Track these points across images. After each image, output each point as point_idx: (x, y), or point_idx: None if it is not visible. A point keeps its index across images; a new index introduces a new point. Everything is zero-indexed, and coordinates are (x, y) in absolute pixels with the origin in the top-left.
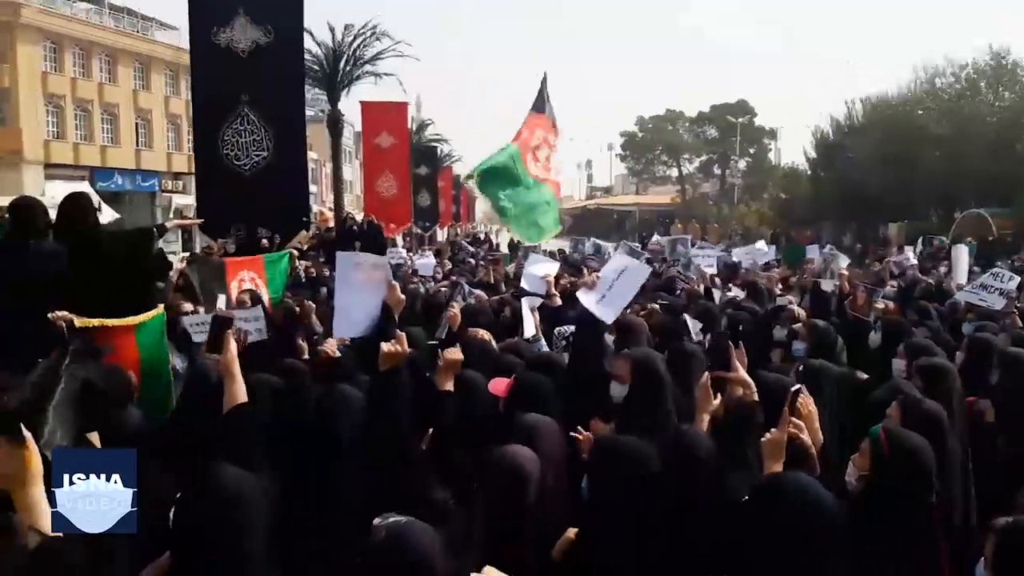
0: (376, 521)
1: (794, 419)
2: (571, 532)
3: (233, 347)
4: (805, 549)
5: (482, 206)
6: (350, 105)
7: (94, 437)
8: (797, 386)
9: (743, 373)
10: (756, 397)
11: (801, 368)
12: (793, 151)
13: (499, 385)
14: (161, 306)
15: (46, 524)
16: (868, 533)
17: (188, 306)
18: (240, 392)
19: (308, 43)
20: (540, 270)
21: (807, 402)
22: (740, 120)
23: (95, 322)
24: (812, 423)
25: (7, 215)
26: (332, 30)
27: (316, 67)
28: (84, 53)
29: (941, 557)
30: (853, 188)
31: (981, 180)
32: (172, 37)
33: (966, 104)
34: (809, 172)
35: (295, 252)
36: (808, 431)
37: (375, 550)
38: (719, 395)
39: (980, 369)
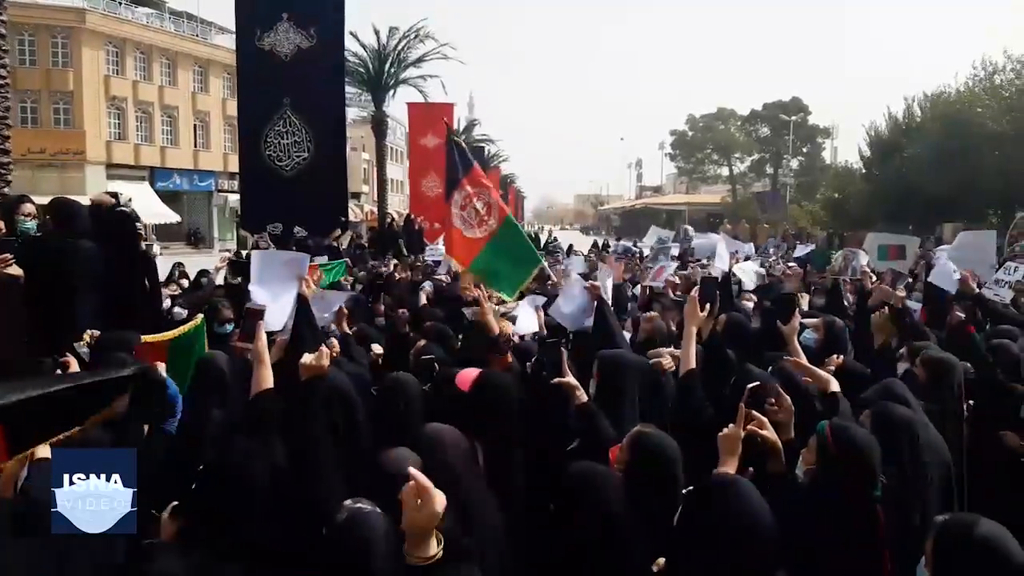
0: (346, 503)
1: (757, 415)
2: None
3: (263, 336)
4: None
5: (530, 205)
6: (401, 107)
7: None
8: (756, 383)
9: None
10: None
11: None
12: (851, 150)
13: (466, 377)
14: (200, 317)
15: None
16: (812, 526)
17: (229, 313)
18: (267, 379)
19: (354, 46)
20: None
21: (783, 401)
22: (793, 118)
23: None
24: (787, 420)
25: (47, 215)
26: (377, 33)
27: (361, 69)
28: (145, 57)
29: (883, 552)
30: (908, 188)
31: None
32: (230, 40)
33: None
34: (863, 171)
35: (348, 262)
36: (781, 428)
37: (335, 527)
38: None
39: None
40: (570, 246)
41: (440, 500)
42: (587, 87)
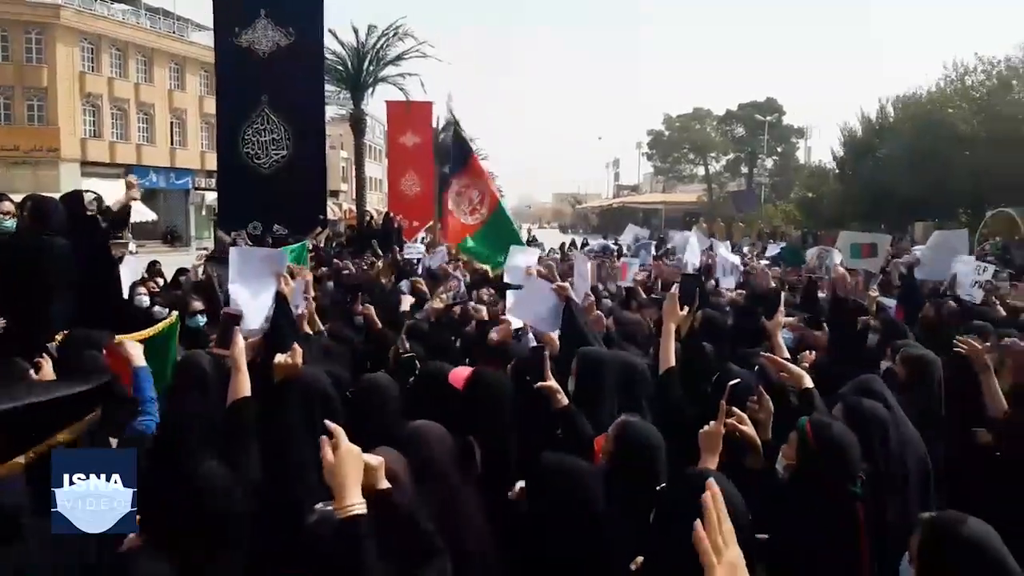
0: (317, 506)
1: (737, 411)
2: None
3: (241, 342)
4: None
5: (509, 204)
6: (380, 105)
7: None
8: (736, 380)
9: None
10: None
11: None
12: (825, 150)
13: (459, 375)
14: (175, 314)
15: None
16: (793, 522)
17: (199, 305)
18: (244, 386)
19: (333, 43)
20: (522, 260)
21: (764, 401)
22: (768, 118)
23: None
24: (767, 420)
25: (24, 211)
26: (356, 31)
27: (340, 67)
28: (121, 54)
29: (863, 548)
30: (881, 187)
31: (1012, 180)
32: (206, 38)
33: (997, 102)
34: (837, 171)
35: (309, 244)
36: (759, 427)
37: (306, 529)
38: None
39: None
40: (562, 244)
41: (353, 456)
42: (566, 87)
